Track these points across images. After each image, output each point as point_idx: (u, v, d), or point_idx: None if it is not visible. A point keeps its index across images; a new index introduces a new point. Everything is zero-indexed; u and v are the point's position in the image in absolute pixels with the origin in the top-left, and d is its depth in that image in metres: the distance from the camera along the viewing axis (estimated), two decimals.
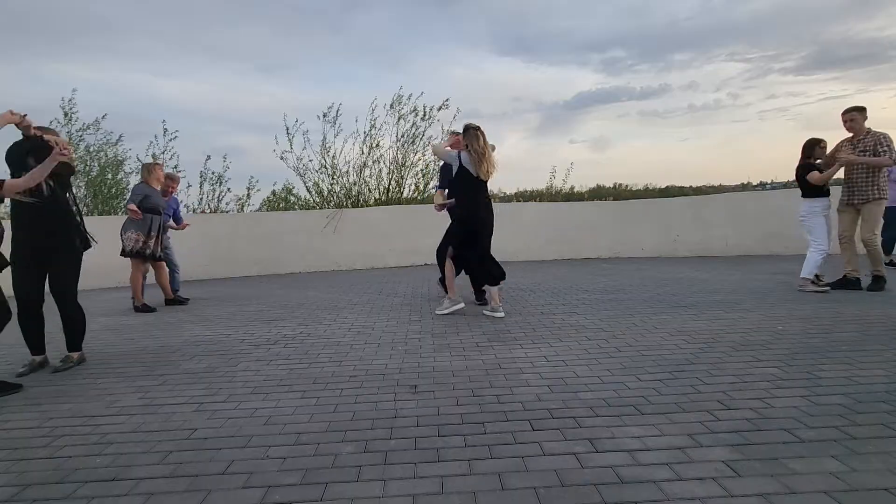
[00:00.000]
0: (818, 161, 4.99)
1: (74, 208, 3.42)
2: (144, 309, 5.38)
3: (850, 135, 4.93)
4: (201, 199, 10.33)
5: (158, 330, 4.47)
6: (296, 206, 11.41)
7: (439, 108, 10.27)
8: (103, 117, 9.89)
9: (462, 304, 4.56)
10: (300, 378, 2.98)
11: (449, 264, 4.60)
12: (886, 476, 1.70)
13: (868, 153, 4.77)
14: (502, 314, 4.34)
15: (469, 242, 4.42)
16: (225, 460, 2.01)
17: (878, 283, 4.84)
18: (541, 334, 3.72)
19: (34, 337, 3.35)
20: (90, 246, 3.53)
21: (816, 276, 4.99)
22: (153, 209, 5.38)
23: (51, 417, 2.54)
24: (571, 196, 12.78)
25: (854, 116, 4.85)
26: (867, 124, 4.86)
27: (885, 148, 4.70)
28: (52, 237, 3.25)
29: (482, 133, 4.30)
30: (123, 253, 5.35)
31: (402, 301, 5.37)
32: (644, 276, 6.44)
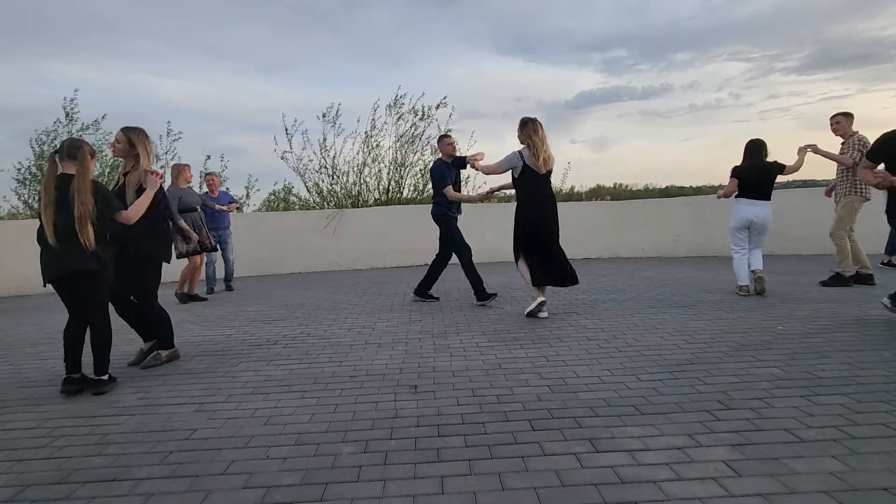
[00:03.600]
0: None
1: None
2: (196, 298, 5.88)
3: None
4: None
5: None
6: (296, 206, 11.42)
7: (437, 107, 10.28)
8: (103, 118, 9.90)
9: (542, 299, 4.26)
10: (300, 378, 2.98)
11: (522, 264, 4.35)
12: (886, 476, 1.70)
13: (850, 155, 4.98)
14: (545, 314, 4.21)
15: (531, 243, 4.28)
16: (225, 460, 2.01)
17: (838, 280, 5.01)
18: (541, 334, 3.72)
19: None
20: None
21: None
22: (189, 208, 5.65)
23: (51, 417, 2.54)
24: (571, 196, 12.78)
25: (840, 120, 5.07)
26: (855, 128, 5.04)
27: (855, 148, 4.90)
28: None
29: (540, 125, 4.16)
30: (179, 256, 5.52)
31: (402, 301, 5.37)
32: (644, 276, 6.44)
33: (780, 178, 5.07)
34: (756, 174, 4.82)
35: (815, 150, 4.99)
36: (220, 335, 4.16)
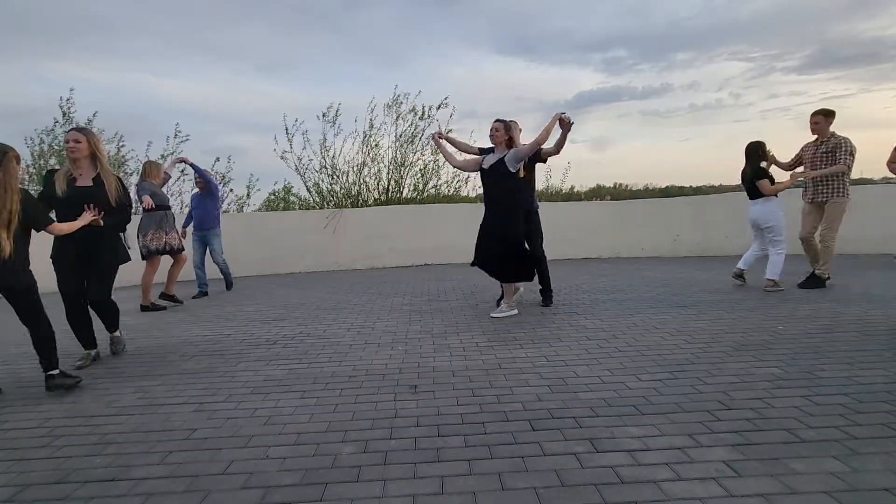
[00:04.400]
0: (763, 164, 5.22)
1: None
2: (154, 308, 5.47)
3: (815, 137, 5.13)
4: None
5: (158, 330, 4.47)
6: (295, 206, 11.41)
7: (438, 107, 10.28)
8: (94, 115, 9.88)
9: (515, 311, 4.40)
10: (300, 378, 2.98)
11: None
12: (887, 476, 1.70)
13: (829, 155, 4.96)
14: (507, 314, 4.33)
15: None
16: (224, 460, 2.01)
17: (814, 281, 5.04)
18: (541, 334, 3.72)
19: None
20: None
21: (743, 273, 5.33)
22: (163, 205, 5.52)
23: (51, 417, 2.54)
24: (571, 196, 12.78)
25: (819, 120, 5.04)
26: (833, 128, 5.03)
27: (843, 154, 4.88)
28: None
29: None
30: (148, 254, 5.39)
31: (402, 301, 5.37)
32: (644, 276, 6.43)
33: (780, 179, 5.18)
34: (745, 179, 5.24)
35: (810, 176, 5.04)
36: (220, 335, 4.16)
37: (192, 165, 6.08)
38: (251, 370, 3.18)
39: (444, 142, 4.72)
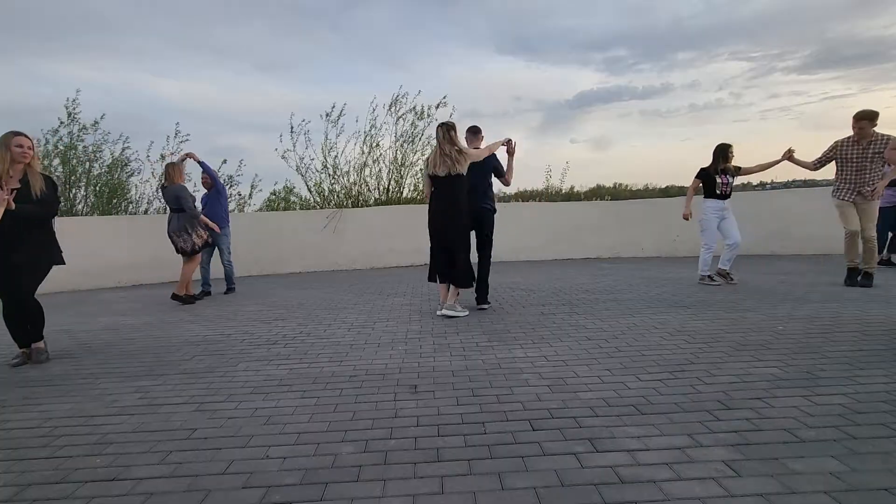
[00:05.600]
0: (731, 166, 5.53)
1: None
2: (189, 300, 5.83)
3: (851, 134, 5.08)
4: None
5: (158, 330, 4.47)
6: (296, 206, 11.41)
7: (437, 107, 10.28)
8: (102, 117, 9.89)
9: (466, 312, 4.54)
10: (300, 378, 2.98)
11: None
12: (886, 476, 1.70)
13: (880, 154, 4.97)
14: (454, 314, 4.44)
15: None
16: (225, 460, 2.01)
17: (869, 279, 5.05)
18: (541, 334, 3.72)
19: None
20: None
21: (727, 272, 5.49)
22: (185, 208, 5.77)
23: (51, 417, 2.54)
24: (571, 196, 12.78)
25: (864, 125, 5.00)
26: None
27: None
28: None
29: (443, 129, 4.34)
30: (196, 250, 5.73)
31: (402, 301, 5.37)
32: (644, 276, 6.44)
33: (779, 178, 5.20)
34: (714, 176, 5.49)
35: (791, 156, 5.26)
36: (220, 335, 4.16)
37: (199, 162, 6.17)
38: (251, 370, 3.18)
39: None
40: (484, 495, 1.68)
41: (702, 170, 5.63)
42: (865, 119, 4.98)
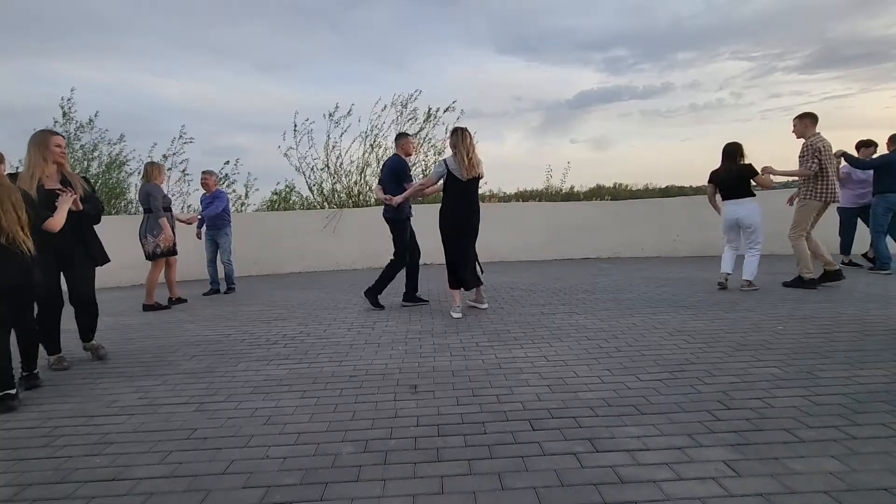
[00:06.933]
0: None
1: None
2: (158, 307, 5.52)
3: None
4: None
5: (158, 330, 4.47)
6: (296, 206, 11.40)
7: (445, 110, 10.29)
8: (95, 115, 9.88)
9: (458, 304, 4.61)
10: (300, 378, 2.98)
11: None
12: (886, 476, 1.70)
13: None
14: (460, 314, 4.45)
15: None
16: (225, 460, 2.01)
17: (798, 283, 5.08)
18: (541, 334, 3.72)
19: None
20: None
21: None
22: (167, 207, 5.63)
23: (51, 417, 2.54)
24: (571, 196, 12.77)
25: (795, 123, 5.10)
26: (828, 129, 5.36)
27: (811, 156, 4.93)
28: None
29: (469, 134, 4.40)
30: (156, 255, 5.44)
31: (401, 301, 5.37)
32: (644, 276, 6.44)
33: (779, 179, 5.16)
34: (727, 177, 5.15)
35: (772, 171, 5.11)
36: (220, 335, 4.16)
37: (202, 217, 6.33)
38: (251, 370, 3.18)
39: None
40: (484, 495, 1.68)
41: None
42: (796, 117, 5.11)
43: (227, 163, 10.23)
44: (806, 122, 5.05)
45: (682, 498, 1.62)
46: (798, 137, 5.13)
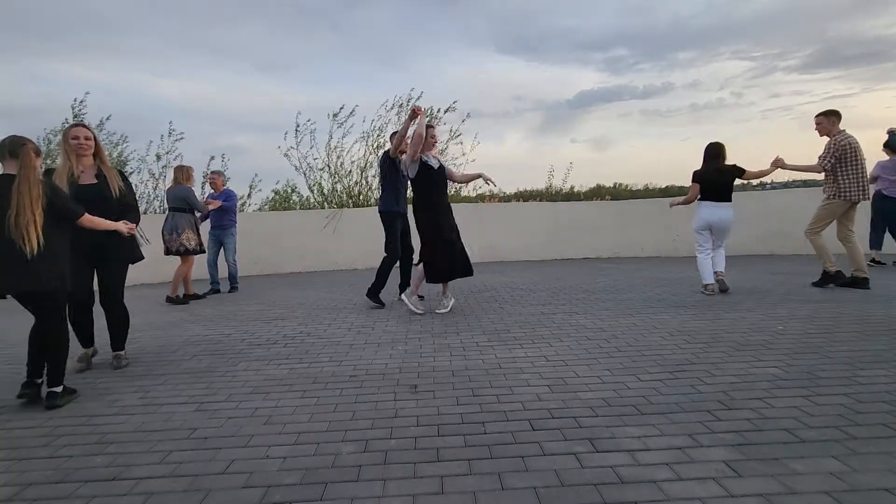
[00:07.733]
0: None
1: None
2: (185, 300, 5.86)
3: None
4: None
5: (158, 330, 4.47)
6: (297, 206, 11.40)
7: (446, 111, 10.29)
8: (108, 118, 9.93)
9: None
10: (300, 378, 2.98)
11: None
12: (887, 476, 1.70)
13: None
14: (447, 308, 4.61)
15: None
16: (225, 460, 2.01)
17: (825, 279, 5.05)
18: (541, 334, 3.72)
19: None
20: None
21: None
22: (195, 207, 5.94)
23: (51, 417, 2.54)
24: (571, 196, 12.77)
25: (821, 120, 4.99)
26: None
27: (830, 153, 4.86)
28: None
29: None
30: (180, 252, 5.73)
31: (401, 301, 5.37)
32: (644, 276, 6.43)
33: (778, 179, 5.14)
34: (715, 178, 5.05)
35: (782, 164, 5.02)
36: (220, 334, 4.16)
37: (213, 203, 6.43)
38: (252, 370, 3.18)
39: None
40: (484, 495, 1.68)
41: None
42: (821, 114, 5.00)
43: (213, 158, 10.14)
44: (833, 120, 4.91)
45: (682, 498, 1.62)
46: (822, 135, 5.00)
